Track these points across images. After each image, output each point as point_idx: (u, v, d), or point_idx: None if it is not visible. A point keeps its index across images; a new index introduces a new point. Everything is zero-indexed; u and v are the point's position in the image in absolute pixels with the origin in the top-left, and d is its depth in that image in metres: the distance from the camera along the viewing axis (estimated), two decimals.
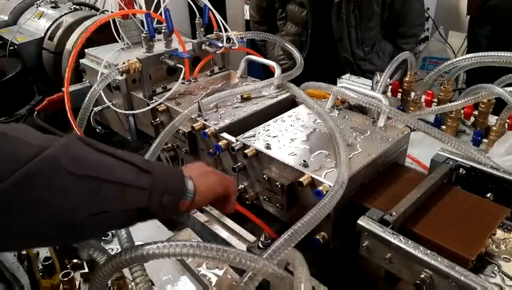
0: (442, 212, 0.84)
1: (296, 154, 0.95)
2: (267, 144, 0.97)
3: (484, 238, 0.77)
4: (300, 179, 0.87)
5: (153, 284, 0.85)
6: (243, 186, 1.03)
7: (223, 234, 1.00)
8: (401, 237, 0.74)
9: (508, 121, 1.25)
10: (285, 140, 1.01)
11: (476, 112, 1.33)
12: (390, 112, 1.02)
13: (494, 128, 1.23)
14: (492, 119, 1.30)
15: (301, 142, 1.00)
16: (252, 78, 1.41)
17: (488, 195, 0.91)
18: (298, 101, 1.23)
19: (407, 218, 0.82)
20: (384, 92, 1.47)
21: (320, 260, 0.92)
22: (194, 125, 1.10)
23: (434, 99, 1.40)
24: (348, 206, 0.88)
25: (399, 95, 1.50)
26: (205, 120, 1.10)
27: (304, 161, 0.90)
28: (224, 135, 1.05)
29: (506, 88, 1.15)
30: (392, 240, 0.74)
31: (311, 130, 1.05)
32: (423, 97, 1.44)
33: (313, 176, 0.87)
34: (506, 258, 0.82)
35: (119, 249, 0.67)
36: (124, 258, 0.61)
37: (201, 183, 0.69)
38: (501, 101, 1.21)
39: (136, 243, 0.69)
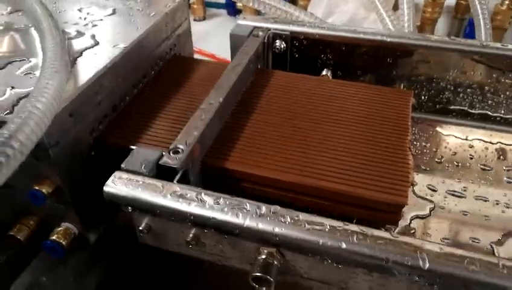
0: (280, 122, 0.45)
1: None
2: None
3: (405, 152, 0.41)
4: None
5: None
6: None
7: None
8: (206, 194, 0.33)
9: None
10: None
11: None
12: None
13: None
14: None
15: None
16: None
17: (324, 73, 0.58)
18: None
19: (215, 150, 0.42)
20: None
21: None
22: None
23: None
24: (93, 155, 0.43)
25: None
26: None
27: None
28: None
29: None
30: (182, 207, 0.32)
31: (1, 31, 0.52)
32: None
33: None
34: None
35: None
36: None
37: None
38: None
39: None
